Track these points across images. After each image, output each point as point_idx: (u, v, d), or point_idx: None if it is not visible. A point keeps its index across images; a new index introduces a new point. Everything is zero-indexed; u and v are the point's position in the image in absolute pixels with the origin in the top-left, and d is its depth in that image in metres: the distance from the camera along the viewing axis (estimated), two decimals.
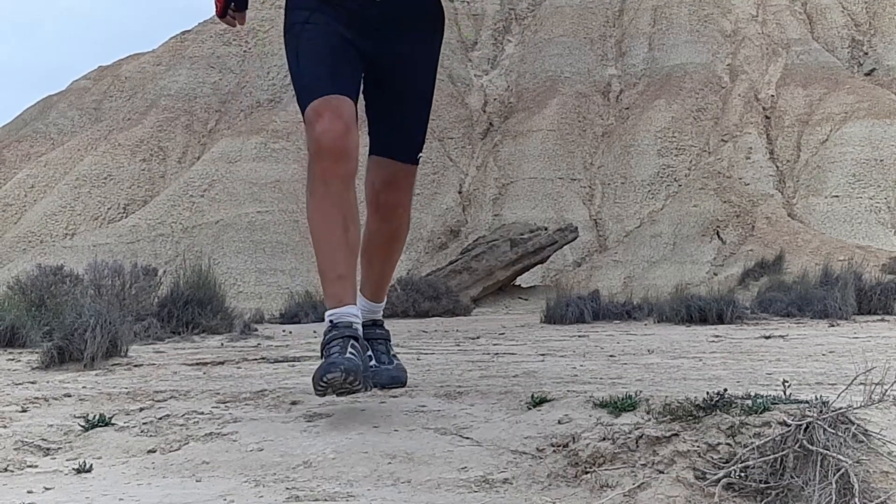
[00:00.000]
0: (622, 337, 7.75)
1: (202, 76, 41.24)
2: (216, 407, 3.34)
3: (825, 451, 2.31)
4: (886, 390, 2.53)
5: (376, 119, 3.35)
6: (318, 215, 3.01)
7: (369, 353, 3.36)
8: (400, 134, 3.33)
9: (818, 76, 37.34)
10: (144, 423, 3.15)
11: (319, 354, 3.03)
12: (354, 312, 3.05)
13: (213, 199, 34.27)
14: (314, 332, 9.18)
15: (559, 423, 2.81)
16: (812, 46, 39.27)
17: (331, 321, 3.03)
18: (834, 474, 2.27)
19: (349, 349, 2.93)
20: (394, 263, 3.57)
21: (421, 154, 3.40)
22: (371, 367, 3.35)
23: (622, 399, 2.83)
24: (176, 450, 2.92)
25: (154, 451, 2.92)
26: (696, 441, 2.51)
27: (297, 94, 3.11)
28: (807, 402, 2.59)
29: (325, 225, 3.01)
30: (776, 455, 2.37)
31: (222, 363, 5.01)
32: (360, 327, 3.06)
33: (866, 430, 2.44)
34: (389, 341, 3.60)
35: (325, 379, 2.80)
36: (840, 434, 2.36)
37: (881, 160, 33.09)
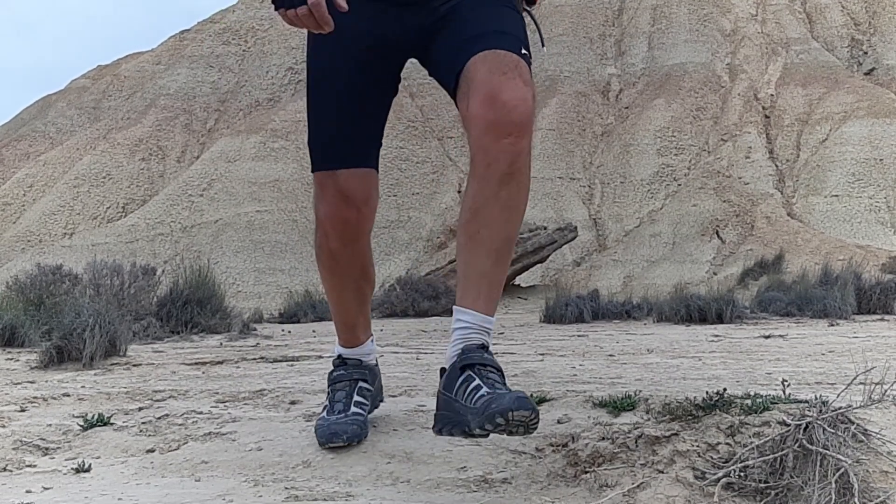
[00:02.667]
0: (621, 336, 7.74)
1: (201, 75, 41.24)
2: (215, 406, 3.34)
3: (825, 451, 2.30)
4: (886, 390, 2.52)
5: (448, 48, 2.45)
6: (330, 283, 2.81)
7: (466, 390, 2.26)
8: (485, 28, 2.41)
9: (818, 75, 37.35)
10: (143, 423, 3.15)
11: (326, 386, 2.93)
12: (367, 351, 2.92)
13: (212, 199, 34.27)
14: (313, 331, 9.18)
15: (558, 422, 2.80)
16: (812, 46, 39.29)
17: (340, 355, 2.91)
18: (833, 474, 2.27)
19: (355, 398, 2.82)
20: (512, 241, 2.44)
21: (526, 51, 2.41)
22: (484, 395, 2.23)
23: (621, 399, 2.82)
24: (175, 449, 2.91)
25: (153, 451, 2.92)
26: (696, 441, 2.51)
27: (308, 138, 2.65)
28: (806, 401, 2.59)
29: (338, 290, 2.81)
30: (776, 455, 2.37)
31: (221, 363, 5.00)
32: (373, 360, 2.95)
33: (866, 430, 2.43)
34: (503, 373, 2.35)
35: (328, 445, 2.76)
36: (840, 434, 2.36)
37: (881, 159, 33.11)
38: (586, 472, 2.53)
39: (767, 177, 34.02)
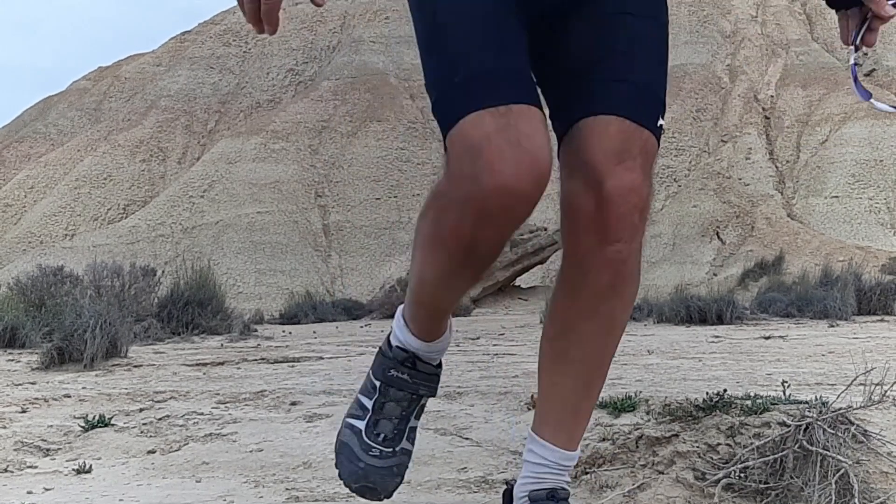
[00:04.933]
0: (622, 337, 7.74)
1: (202, 77, 41.26)
2: (216, 407, 3.34)
3: (825, 452, 2.31)
4: (886, 391, 2.53)
5: (572, 66, 1.77)
6: (443, 271, 1.76)
7: None
8: (623, 70, 1.74)
9: (818, 77, 37.38)
10: (144, 424, 3.15)
11: (372, 375, 2.00)
12: (445, 343, 2.02)
13: (213, 200, 34.29)
14: (314, 332, 9.17)
15: None
16: (811, 47, 39.32)
17: (413, 353, 1.99)
18: (834, 475, 2.27)
19: (411, 423, 1.99)
20: (608, 364, 1.95)
21: (662, 122, 1.77)
22: None
23: (622, 399, 2.83)
24: (176, 450, 2.92)
25: (154, 452, 2.92)
26: (696, 442, 2.51)
27: (432, 88, 1.64)
28: (806, 402, 2.59)
29: (453, 278, 1.79)
30: (776, 455, 2.37)
31: (222, 364, 5.01)
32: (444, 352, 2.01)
33: (866, 431, 2.44)
34: None
35: (354, 488, 1.98)
36: (840, 434, 2.36)
37: (881, 161, 33.12)
38: (586, 473, 2.53)
39: (767, 178, 34.04)
